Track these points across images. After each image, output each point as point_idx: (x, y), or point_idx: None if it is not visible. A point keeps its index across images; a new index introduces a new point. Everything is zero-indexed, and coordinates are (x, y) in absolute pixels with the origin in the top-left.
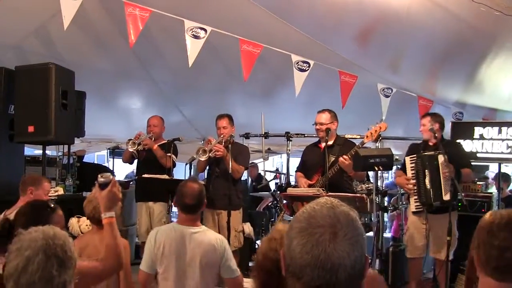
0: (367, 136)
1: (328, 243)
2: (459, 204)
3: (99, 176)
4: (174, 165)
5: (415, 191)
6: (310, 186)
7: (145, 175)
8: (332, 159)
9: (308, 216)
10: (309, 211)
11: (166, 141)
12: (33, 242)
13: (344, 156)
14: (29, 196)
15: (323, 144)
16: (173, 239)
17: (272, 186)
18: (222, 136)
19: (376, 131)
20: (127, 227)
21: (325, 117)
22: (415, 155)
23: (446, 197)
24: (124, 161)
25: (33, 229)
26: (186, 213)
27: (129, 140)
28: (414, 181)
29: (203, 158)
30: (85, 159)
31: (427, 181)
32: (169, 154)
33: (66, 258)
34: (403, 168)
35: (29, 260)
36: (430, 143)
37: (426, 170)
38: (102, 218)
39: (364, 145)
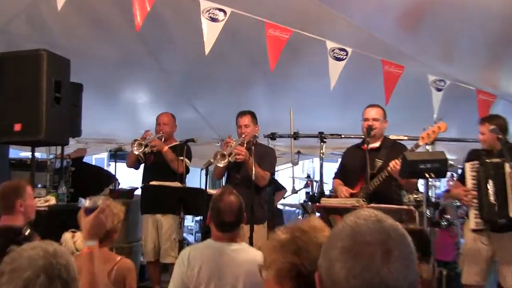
0: (422, 138)
1: (381, 264)
2: None
3: (87, 199)
4: (187, 170)
5: (476, 204)
6: (351, 195)
7: (153, 182)
8: (379, 163)
9: (352, 233)
10: (352, 226)
11: (178, 143)
12: (32, 261)
13: (396, 161)
14: (18, 211)
15: (366, 146)
16: (210, 259)
17: (302, 195)
18: (243, 136)
19: (434, 131)
20: (131, 243)
21: (378, 112)
22: (477, 162)
23: None
24: (129, 166)
25: (30, 246)
26: (223, 231)
27: (135, 140)
28: (475, 192)
29: (222, 163)
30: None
31: (490, 193)
32: (182, 157)
33: (71, 280)
34: (462, 178)
35: (29, 283)
36: (493, 150)
37: (490, 180)
38: (83, 246)
39: (418, 149)
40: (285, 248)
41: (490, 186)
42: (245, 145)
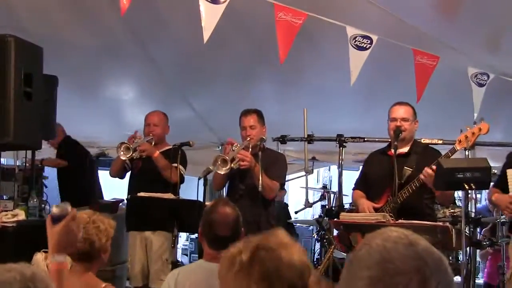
0: (459, 141)
1: None
2: None
3: (53, 206)
4: (182, 179)
5: None
6: (376, 211)
7: (141, 194)
8: (408, 172)
9: (381, 259)
10: (380, 251)
11: (171, 147)
12: (7, 285)
13: (430, 168)
14: None
15: (393, 151)
16: (201, 283)
17: (318, 209)
18: (248, 139)
19: (473, 134)
20: (115, 266)
21: (408, 111)
22: None
23: None
24: (113, 174)
25: (4, 268)
26: (217, 248)
27: (121, 143)
28: None
29: (223, 170)
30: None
31: None
32: (175, 164)
33: None
34: (501, 184)
35: None
36: None
37: None
38: (50, 262)
39: (455, 154)
40: (246, 273)
41: None
42: (250, 149)
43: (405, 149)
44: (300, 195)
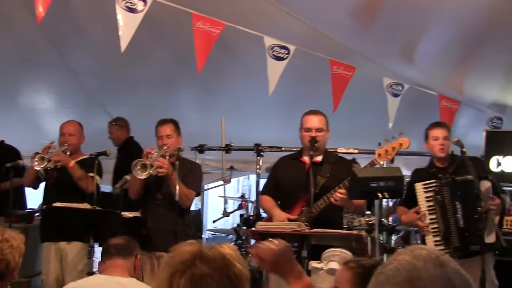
0: (379, 155)
1: None
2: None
3: None
4: (98, 189)
5: (436, 230)
6: (291, 221)
7: (57, 204)
8: (323, 181)
9: (409, 277)
10: (408, 270)
11: (87, 156)
12: None
13: (340, 190)
14: None
15: (307, 158)
16: None
17: (236, 218)
18: (165, 148)
19: (394, 148)
20: (30, 278)
21: (322, 121)
22: (434, 181)
23: (490, 238)
24: (26, 184)
25: None
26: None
27: (36, 154)
28: (433, 215)
29: (143, 175)
30: None
31: (459, 216)
32: (92, 174)
33: None
34: (408, 202)
35: None
36: (443, 165)
37: (457, 203)
38: None
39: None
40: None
41: (458, 208)
42: (167, 157)
43: (318, 158)
44: (219, 204)
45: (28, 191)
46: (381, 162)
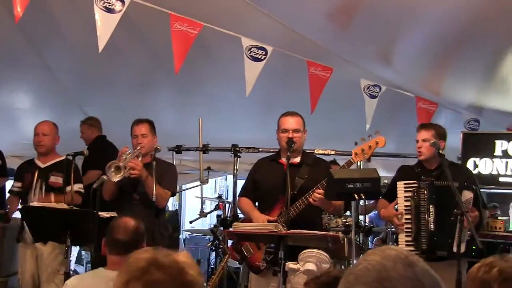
0: (356, 154)
1: None
2: (473, 247)
3: None
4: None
5: (409, 230)
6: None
7: (34, 204)
8: (301, 182)
9: (379, 277)
10: (378, 270)
11: (63, 158)
12: None
13: (318, 190)
14: None
15: (285, 160)
16: None
17: (214, 219)
18: (139, 148)
19: (370, 147)
20: (7, 277)
21: (299, 122)
22: (415, 182)
23: (460, 248)
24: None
25: None
26: (117, 253)
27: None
28: (409, 216)
29: (117, 177)
30: None
31: (431, 219)
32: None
33: None
34: (389, 196)
35: None
36: (430, 167)
37: (432, 206)
38: None
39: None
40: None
41: (432, 211)
42: (140, 158)
43: (297, 159)
44: (196, 205)
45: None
46: (358, 163)
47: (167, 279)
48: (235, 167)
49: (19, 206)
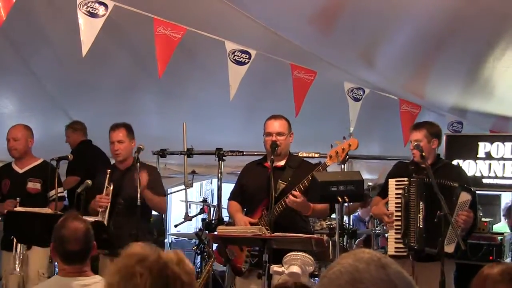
0: (330, 157)
1: None
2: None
3: None
4: (64, 198)
5: (398, 228)
6: (253, 225)
7: (18, 209)
8: (283, 186)
9: (352, 279)
10: (351, 272)
11: (41, 161)
12: None
13: (295, 193)
14: None
15: (269, 163)
16: None
17: (199, 222)
18: (108, 172)
19: (343, 149)
20: None
21: (283, 125)
22: (405, 179)
23: (449, 248)
24: None
25: None
26: (70, 263)
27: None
28: (399, 213)
29: (105, 213)
30: None
31: (420, 216)
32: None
33: None
34: (383, 193)
35: None
36: (423, 164)
37: (421, 203)
38: None
39: (326, 168)
40: None
41: (421, 209)
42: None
43: (281, 163)
44: (181, 208)
45: None
46: (342, 166)
47: (145, 272)
48: (220, 171)
49: None
